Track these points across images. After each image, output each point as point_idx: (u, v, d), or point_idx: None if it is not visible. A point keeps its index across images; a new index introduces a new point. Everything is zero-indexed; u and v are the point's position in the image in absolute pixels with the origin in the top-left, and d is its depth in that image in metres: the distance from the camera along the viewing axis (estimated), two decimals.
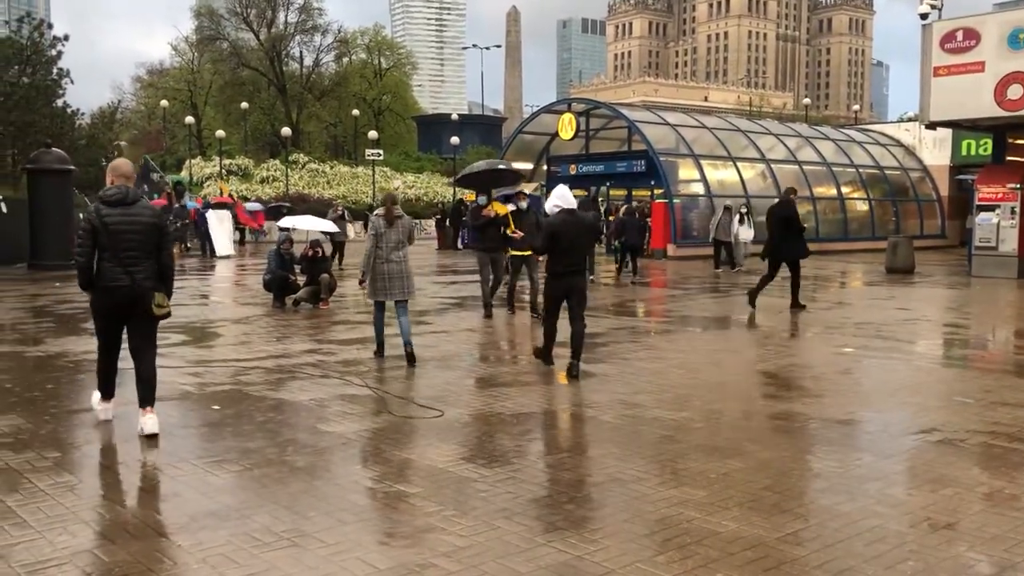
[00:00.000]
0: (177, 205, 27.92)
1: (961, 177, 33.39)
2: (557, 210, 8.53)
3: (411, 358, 8.93)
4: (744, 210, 22.71)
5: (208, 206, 29.34)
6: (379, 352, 9.35)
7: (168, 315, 6.18)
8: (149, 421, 6.14)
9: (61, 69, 29.38)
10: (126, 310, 6.08)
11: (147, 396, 6.24)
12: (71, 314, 13.15)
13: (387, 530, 4.45)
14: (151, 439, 6.05)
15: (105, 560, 4.04)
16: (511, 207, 12.72)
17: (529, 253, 12.08)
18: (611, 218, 29.13)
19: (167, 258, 6.24)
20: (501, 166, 14.47)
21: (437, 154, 57.80)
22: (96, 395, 6.71)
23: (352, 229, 29.02)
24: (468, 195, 39.94)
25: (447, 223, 32.28)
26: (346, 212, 25.88)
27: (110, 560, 4.05)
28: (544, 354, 8.83)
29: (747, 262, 21.62)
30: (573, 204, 8.60)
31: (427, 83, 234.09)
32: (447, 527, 4.47)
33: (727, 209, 22.48)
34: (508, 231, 12.11)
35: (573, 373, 8.25)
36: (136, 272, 5.99)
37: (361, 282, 9.18)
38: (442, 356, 9.66)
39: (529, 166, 34.71)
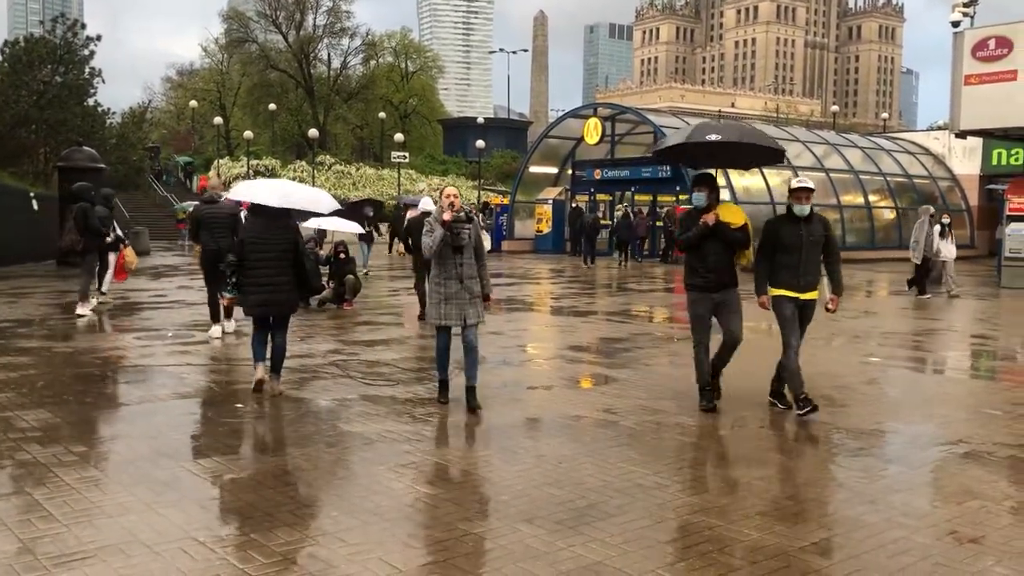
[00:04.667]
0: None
1: (991, 187, 33.00)
2: (421, 211, 12.29)
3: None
4: (947, 220, 17.70)
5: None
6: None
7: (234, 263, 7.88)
8: (230, 323, 10.88)
9: (93, 69, 29.72)
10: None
11: (228, 310, 10.72)
12: (98, 311, 13.29)
13: (409, 531, 4.46)
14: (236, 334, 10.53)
15: (129, 555, 4.08)
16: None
17: (810, 296, 7.04)
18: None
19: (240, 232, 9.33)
20: (768, 144, 7.78)
21: (462, 157, 57.91)
22: (211, 325, 10.79)
23: (487, 239, 23.29)
24: (493, 198, 39.97)
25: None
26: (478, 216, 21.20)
27: (134, 554, 4.09)
28: (425, 316, 11.14)
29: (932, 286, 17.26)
30: (432, 208, 11.91)
31: (453, 86, 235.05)
32: (468, 529, 4.47)
33: (931, 217, 17.32)
34: (742, 259, 7.24)
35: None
36: (221, 241, 10.17)
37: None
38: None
39: (554, 170, 34.73)
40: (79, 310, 12.49)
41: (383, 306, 14.78)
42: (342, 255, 14.36)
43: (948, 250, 17.30)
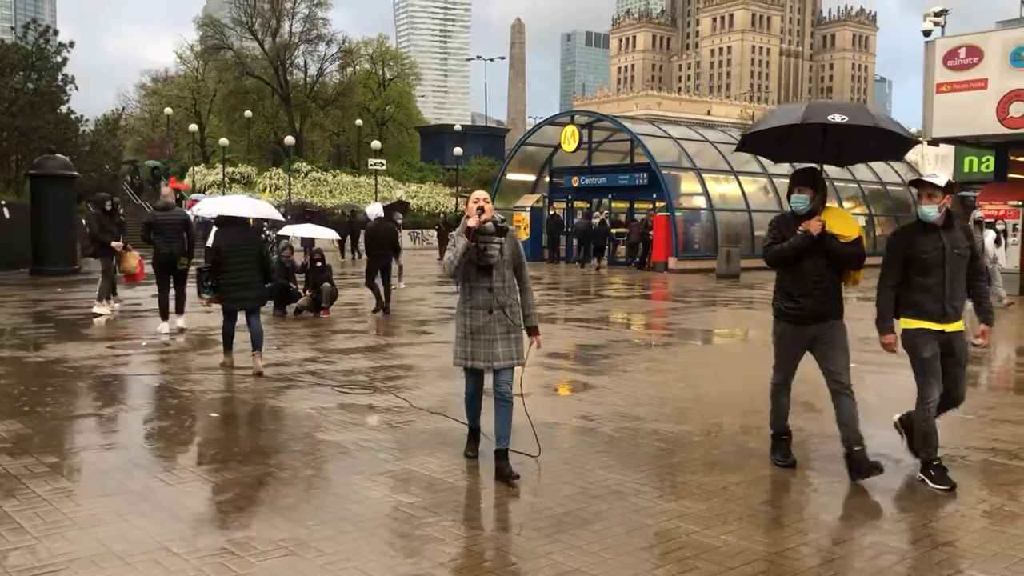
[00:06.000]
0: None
1: (963, 194, 33.39)
2: (374, 217, 14.68)
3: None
4: (1002, 227, 17.80)
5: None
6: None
7: (185, 265, 11.48)
8: (180, 319, 11.79)
9: (66, 75, 29.45)
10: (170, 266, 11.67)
11: (180, 308, 11.76)
12: (72, 320, 13.15)
13: (386, 540, 4.44)
14: (181, 331, 11.56)
15: (102, 567, 4.03)
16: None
17: (956, 327, 5.56)
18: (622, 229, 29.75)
19: (192, 231, 11.90)
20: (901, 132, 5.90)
21: (440, 164, 57.91)
22: (159, 322, 11.75)
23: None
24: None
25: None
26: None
27: (107, 566, 4.03)
28: (380, 307, 14.07)
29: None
30: (382, 214, 14.60)
31: (431, 94, 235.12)
32: (445, 537, 4.45)
33: (978, 223, 16.16)
34: (849, 281, 5.77)
35: (383, 310, 14.14)
36: (173, 245, 11.58)
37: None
38: (442, 366, 9.64)
39: (532, 178, 34.80)
40: (95, 309, 13.63)
41: (360, 314, 14.71)
42: (318, 263, 14.29)
43: (1003, 259, 17.14)
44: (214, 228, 11.54)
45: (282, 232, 16.74)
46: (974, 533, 4.65)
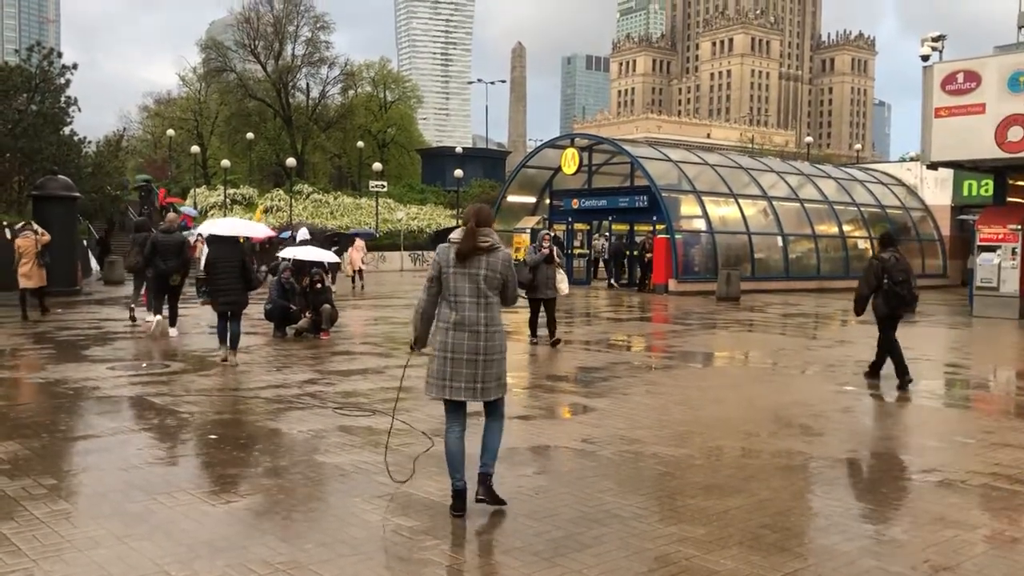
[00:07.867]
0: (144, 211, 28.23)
1: (963, 217, 33.50)
2: (303, 238, 16.00)
3: (490, 495, 5.22)
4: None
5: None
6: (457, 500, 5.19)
7: (177, 282, 13.43)
8: (172, 330, 13.53)
9: (69, 97, 29.52)
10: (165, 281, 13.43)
11: (172, 317, 13.62)
12: (72, 341, 13.14)
13: (384, 563, 4.42)
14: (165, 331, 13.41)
15: None
16: None
17: None
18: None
19: (186, 252, 13.58)
20: None
21: (440, 186, 58.05)
22: (151, 316, 13.86)
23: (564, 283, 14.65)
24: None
25: None
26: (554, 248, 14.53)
27: None
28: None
29: None
30: (308, 237, 17.01)
31: (432, 116, 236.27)
32: (444, 561, 4.44)
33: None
34: None
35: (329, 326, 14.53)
36: (169, 263, 13.23)
37: (412, 347, 5.56)
38: None
39: (532, 200, 34.91)
40: (148, 317, 14.73)
41: (360, 336, 14.72)
42: (318, 284, 14.30)
43: None
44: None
45: (283, 254, 16.77)
46: (974, 558, 4.63)
